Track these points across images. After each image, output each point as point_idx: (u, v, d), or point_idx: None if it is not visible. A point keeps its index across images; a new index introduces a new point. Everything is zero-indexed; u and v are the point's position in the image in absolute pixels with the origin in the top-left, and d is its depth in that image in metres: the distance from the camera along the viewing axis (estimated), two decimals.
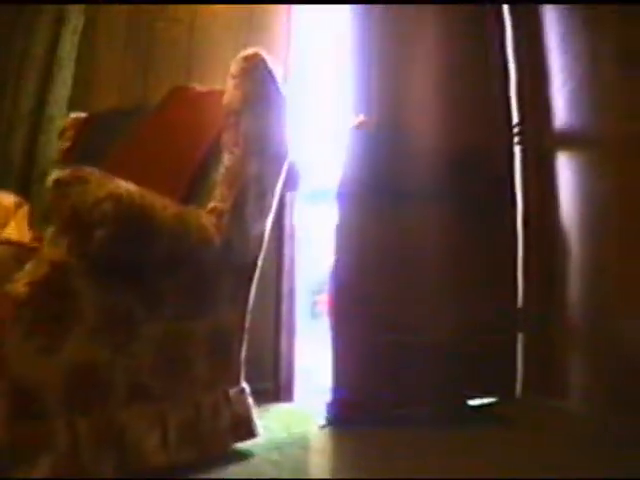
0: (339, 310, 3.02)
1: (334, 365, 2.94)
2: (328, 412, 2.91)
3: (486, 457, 2.36)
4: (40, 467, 1.66)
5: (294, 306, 3.49)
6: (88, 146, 2.81)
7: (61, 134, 3.00)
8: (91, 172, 1.78)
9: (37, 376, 1.72)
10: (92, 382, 1.85)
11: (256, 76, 2.38)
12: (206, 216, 2.15)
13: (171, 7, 3.61)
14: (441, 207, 3.18)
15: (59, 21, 3.46)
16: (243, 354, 2.41)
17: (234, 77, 2.36)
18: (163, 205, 1.93)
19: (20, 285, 1.72)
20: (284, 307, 3.46)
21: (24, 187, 3.22)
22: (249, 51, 2.42)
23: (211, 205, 2.21)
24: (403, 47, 3.29)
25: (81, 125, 2.95)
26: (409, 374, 3.00)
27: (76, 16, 3.49)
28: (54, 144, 3.15)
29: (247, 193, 2.30)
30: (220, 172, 2.28)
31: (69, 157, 2.86)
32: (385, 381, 2.98)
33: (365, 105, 3.12)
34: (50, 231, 1.81)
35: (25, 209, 2.77)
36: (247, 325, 2.42)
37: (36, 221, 2.72)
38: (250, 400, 2.42)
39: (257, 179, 2.36)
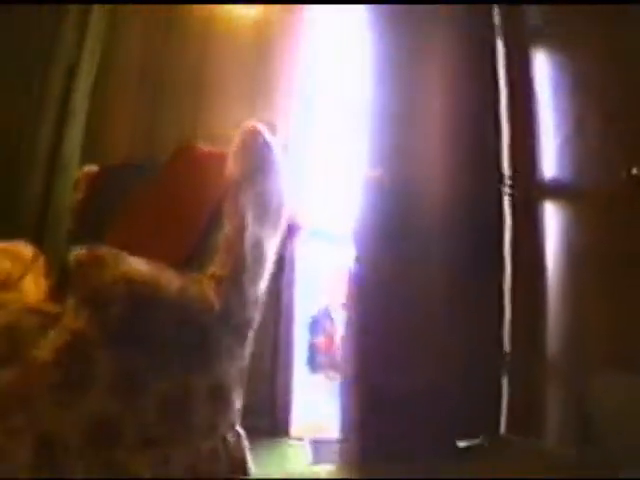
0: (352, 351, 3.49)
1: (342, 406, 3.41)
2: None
3: None
4: None
5: (292, 349, 3.96)
6: (99, 201, 3.24)
7: (75, 186, 3.44)
8: (108, 254, 2.22)
9: (60, 428, 2.17)
10: (106, 432, 2.30)
11: (254, 149, 2.81)
12: (206, 282, 2.58)
13: (181, 56, 4.05)
14: (440, 257, 3.62)
15: (71, 71, 3.91)
16: (239, 404, 2.86)
17: (234, 151, 2.80)
18: (168, 280, 2.37)
19: (46, 351, 2.17)
20: (281, 348, 3.92)
21: (38, 232, 3.67)
22: (248, 125, 2.86)
23: (211, 271, 2.63)
24: (411, 96, 3.73)
25: (93, 178, 3.38)
26: (406, 416, 3.43)
27: (88, 67, 3.94)
28: (68, 193, 3.58)
29: (245, 260, 2.72)
30: (220, 238, 2.72)
31: (81, 210, 3.30)
32: (387, 423, 3.41)
33: (378, 157, 3.58)
34: (71, 303, 2.25)
35: (41, 260, 3.19)
36: (244, 377, 2.87)
37: (50, 272, 3.19)
38: (245, 443, 2.86)
39: (255, 245, 2.78)
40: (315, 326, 4.74)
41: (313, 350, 4.62)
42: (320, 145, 4.67)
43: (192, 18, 4.24)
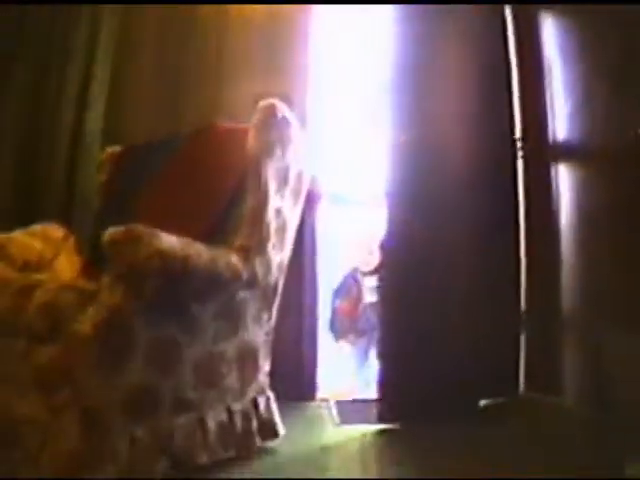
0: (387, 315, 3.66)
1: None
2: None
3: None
4: (108, 474, 2.29)
5: (316, 314, 4.14)
6: (124, 180, 3.38)
7: (99, 167, 3.58)
8: (141, 231, 2.37)
9: (102, 397, 2.33)
10: (145, 399, 2.46)
11: (273, 125, 2.95)
12: (234, 254, 2.74)
13: (198, 39, 4.19)
14: (459, 221, 3.77)
15: (90, 60, 4.06)
16: (268, 367, 3.03)
17: (254, 127, 2.94)
18: (198, 253, 2.52)
19: (86, 325, 2.32)
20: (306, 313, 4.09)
21: (65, 214, 3.82)
22: (266, 102, 3.00)
23: (238, 242, 2.79)
24: (431, 63, 3.87)
25: (116, 159, 3.52)
26: (432, 377, 3.59)
27: (105, 56, 4.09)
28: (92, 174, 3.74)
29: (269, 229, 2.88)
30: (244, 211, 2.87)
31: (107, 190, 3.45)
32: (412, 384, 3.58)
33: (403, 122, 3.72)
34: (106, 279, 2.40)
35: (72, 240, 3.35)
36: (270, 341, 3.04)
37: (82, 249, 3.35)
38: (274, 405, 3.03)
39: (277, 214, 2.94)
40: (340, 291, 4.92)
41: (336, 315, 4.80)
42: (341, 113, 4.83)
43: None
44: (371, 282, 4.95)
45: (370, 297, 4.90)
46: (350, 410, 3.77)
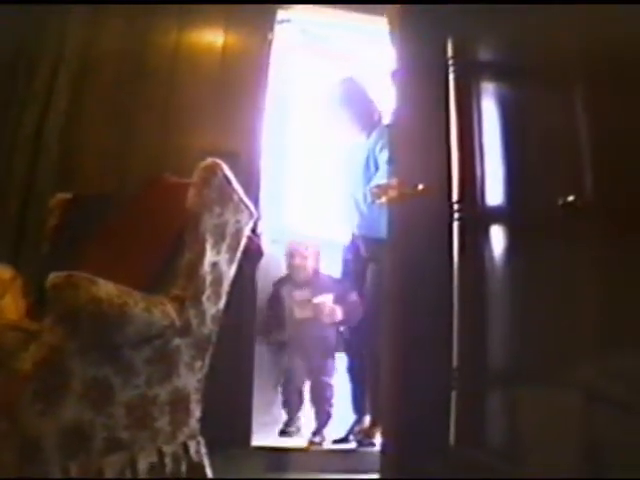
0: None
1: None
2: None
3: None
4: None
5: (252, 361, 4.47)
6: (72, 227, 3.73)
7: (49, 212, 3.92)
8: (81, 278, 2.71)
9: (39, 432, 2.66)
10: (79, 436, 2.79)
11: (212, 183, 3.28)
12: (169, 303, 3.08)
13: (147, 94, 4.56)
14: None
15: (47, 101, 4.43)
16: (198, 413, 3.36)
17: (195, 184, 3.29)
18: (134, 301, 2.85)
19: (26, 364, 2.66)
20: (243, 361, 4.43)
21: (14, 255, 4.15)
22: (208, 161, 3.35)
23: (174, 293, 3.13)
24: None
25: (67, 205, 3.86)
26: None
27: (58, 105, 4.45)
28: (41, 218, 4.06)
29: (205, 282, 3.22)
30: (182, 263, 3.21)
31: (56, 235, 3.79)
32: None
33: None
34: (48, 321, 2.74)
35: (19, 282, 3.67)
36: (202, 388, 3.37)
37: (28, 292, 3.67)
38: (204, 450, 3.35)
39: (213, 268, 3.29)
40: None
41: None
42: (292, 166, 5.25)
43: (160, 47, 4.73)
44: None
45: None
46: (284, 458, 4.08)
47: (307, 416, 4.86)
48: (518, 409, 3.56)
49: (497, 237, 4.04)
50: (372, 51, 4.86)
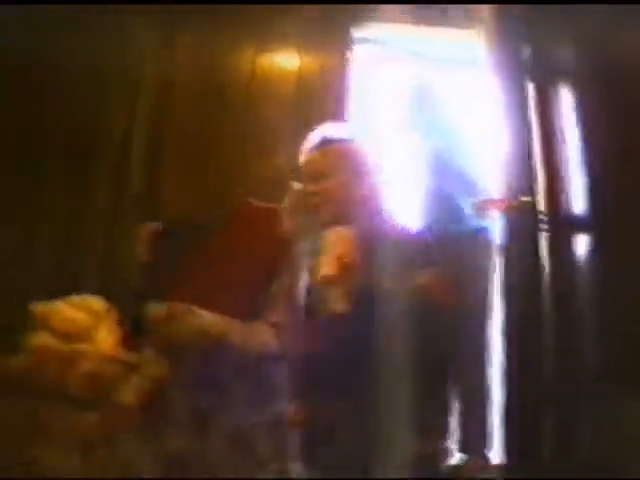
0: None
1: None
2: None
3: None
4: None
5: None
6: (164, 258, 3.75)
7: (138, 245, 3.95)
8: (180, 308, 2.73)
9: (141, 461, 2.68)
10: (180, 465, 2.81)
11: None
12: (268, 329, 3.09)
13: (225, 119, 4.58)
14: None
15: (129, 131, 4.49)
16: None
17: (286, 210, 3.30)
18: (235, 329, 2.88)
19: (128, 396, 2.68)
20: None
21: (104, 286, 4.19)
22: (296, 185, 3.36)
23: (272, 319, 3.15)
24: None
25: (156, 237, 3.90)
26: None
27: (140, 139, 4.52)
28: (130, 249, 4.10)
29: (301, 307, 3.24)
30: (278, 288, 3.22)
31: (148, 266, 3.82)
32: None
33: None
34: (149, 352, 2.77)
35: (113, 313, 3.70)
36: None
37: (121, 322, 3.70)
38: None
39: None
40: None
41: None
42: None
43: (236, 72, 4.75)
44: None
45: None
46: None
47: None
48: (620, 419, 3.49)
49: (584, 244, 3.99)
50: (451, 66, 4.79)
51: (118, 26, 4.56)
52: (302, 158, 3.07)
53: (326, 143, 3.04)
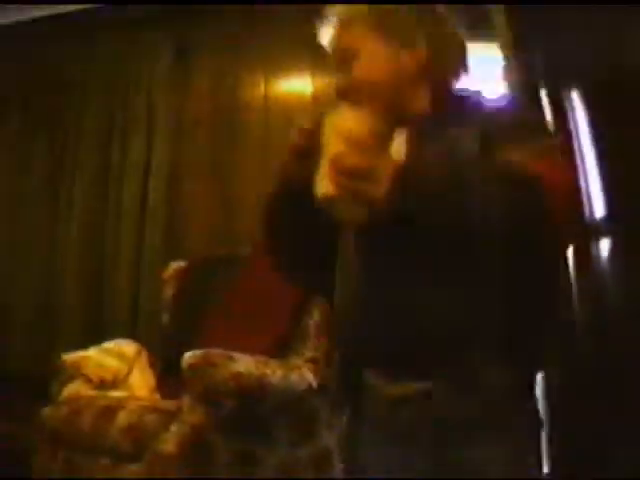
0: None
1: None
2: None
3: None
4: None
5: None
6: (192, 294, 3.74)
7: (165, 282, 3.94)
8: (217, 355, 2.71)
9: None
10: None
11: None
12: (305, 365, 3.07)
13: (242, 149, 4.56)
14: None
15: (146, 173, 4.49)
16: (341, 467, 3.32)
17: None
18: (272, 370, 2.85)
19: (169, 445, 2.66)
20: None
21: (132, 328, 4.19)
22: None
23: (308, 355, 3.12)
24: None
25: (182, 274, 3.88)
26: None
27: (160, 172, 4.51)
28: (156, 288, 4.09)
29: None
30: (310, 323, 3.20)
31: (175, 304, 3.81)
32: None
33: None
34: (187, 400, 2.74)
35: (144, 355, 3.69)
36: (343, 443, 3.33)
37: (154, 363, 3.69)
38: None
39: None
40: None
41: None
42: None
43: (250, 102, 4.72)
44: None
45: None
46: None
47: None
48: None
49: (606, 248, 3.95)
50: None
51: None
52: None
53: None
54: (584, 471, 3.61)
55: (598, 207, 3.90)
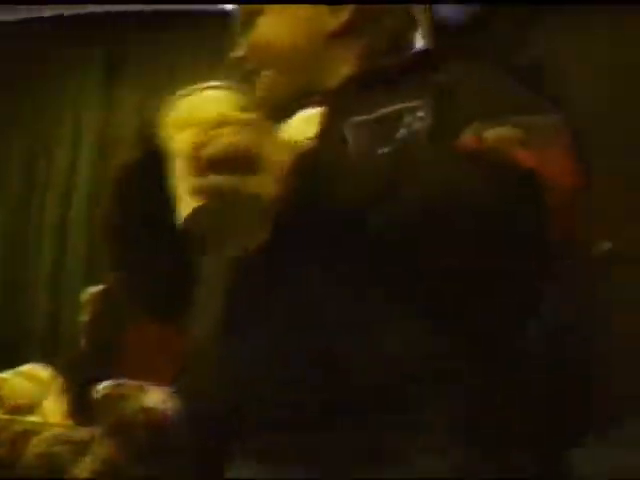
0: None
1: None
2: None
3: None
4: None
5: None
6: (107, 320, 3.78)
7: (82, 308, 3.98)
8: (129, 387, 2.78)
9: None
10: None
11: None
12: None
13: None
14: None
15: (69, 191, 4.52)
16: None
17: None
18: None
19: (83, 473, 2.74)
20: None
21: (49, 353, 4.21)
22: None
23: None
24: None
25: (99, 298, 3.92)
26: None
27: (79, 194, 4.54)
28: (74, 314, 4.12)
29: None
30: None
31: (91, 330, 3.84)
32: None
33: None
34: (98, 431, 2.81)
35: (59, 381, 3.72)
36: None
37: (68, 389, 3.72)
38: None
39: None
40: None
41: None
42: None
43: None
44: None
45: None
46: None
47: None
48: None
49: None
50: None
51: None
52: None
53: None
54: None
55: None
